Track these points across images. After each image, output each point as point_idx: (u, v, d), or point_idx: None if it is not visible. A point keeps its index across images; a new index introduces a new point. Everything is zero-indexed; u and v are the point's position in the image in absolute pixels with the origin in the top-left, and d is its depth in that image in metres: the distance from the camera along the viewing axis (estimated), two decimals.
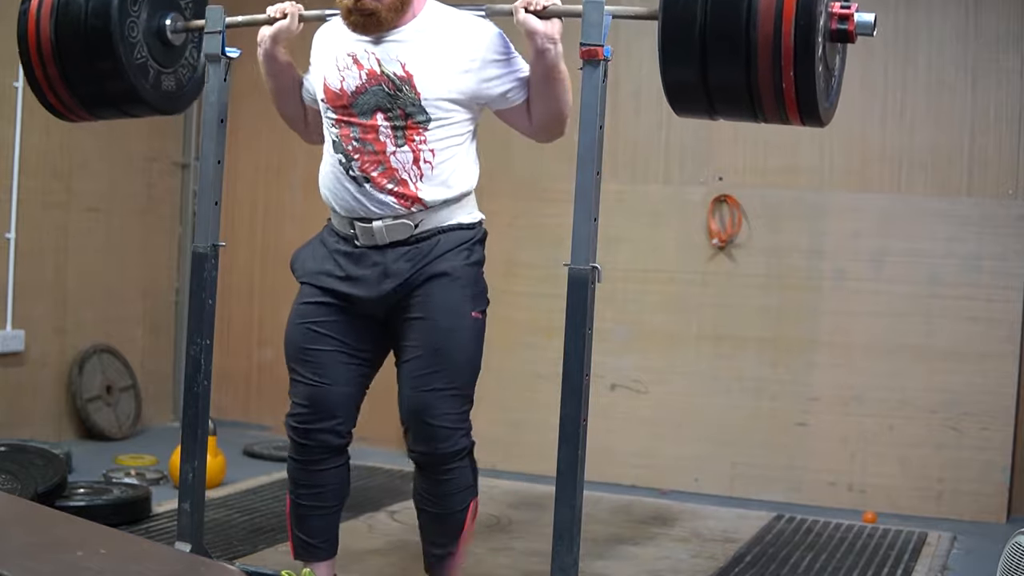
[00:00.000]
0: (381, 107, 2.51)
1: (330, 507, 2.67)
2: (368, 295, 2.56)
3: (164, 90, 2.92)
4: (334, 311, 2.59)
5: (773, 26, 2.13)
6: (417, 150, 2.51)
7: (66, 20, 2.77)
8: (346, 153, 2.56)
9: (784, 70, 2.16)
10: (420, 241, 2.55)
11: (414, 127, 2.50)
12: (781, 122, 2.32)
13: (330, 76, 2.57)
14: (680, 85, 2.31)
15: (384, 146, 2.52)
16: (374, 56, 2.51)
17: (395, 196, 2.53)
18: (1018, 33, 4.12)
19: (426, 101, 2.49)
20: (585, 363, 2.50)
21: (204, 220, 2.86)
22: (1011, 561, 2.69)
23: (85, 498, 3.45)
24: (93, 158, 4.77)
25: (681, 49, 2.25)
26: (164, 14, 2.85)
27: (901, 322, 4.17)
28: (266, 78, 2.72)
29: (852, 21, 2.25)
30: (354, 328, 2.60)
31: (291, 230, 5.17)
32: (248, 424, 5.12)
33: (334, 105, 2.57)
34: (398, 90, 2.50)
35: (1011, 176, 4.13)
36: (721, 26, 2.19)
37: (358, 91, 2.53)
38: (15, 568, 1.73)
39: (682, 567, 3.27)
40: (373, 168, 2.53)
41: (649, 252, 4.47)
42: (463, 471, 2.58)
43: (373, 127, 2.52)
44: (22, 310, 4.45)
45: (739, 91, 2.25)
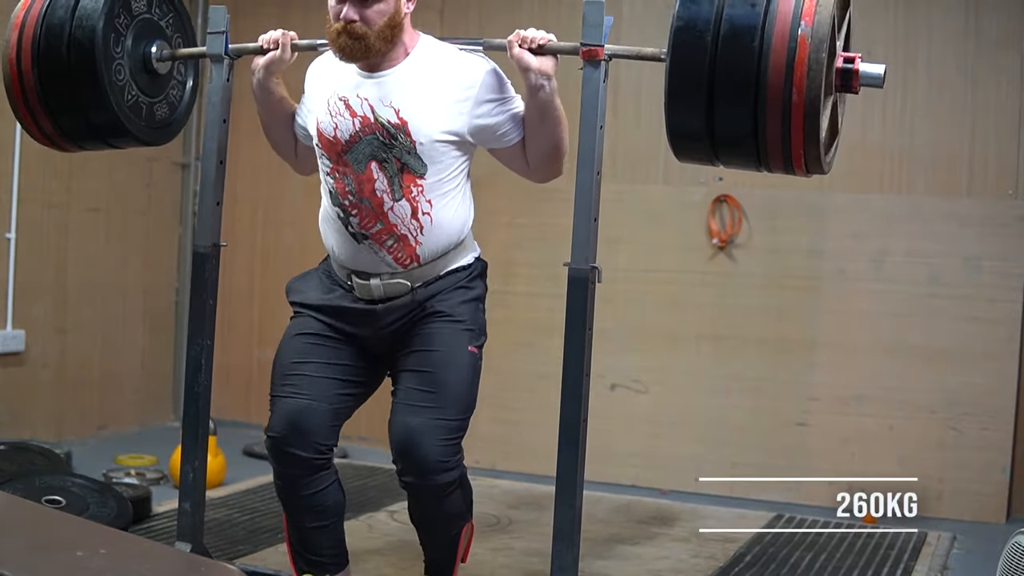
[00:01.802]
0: (376, 157, 2.47)
1: (333, 520, 2.61)
2: (365, 334, 2.56)
3: (158, 121, 2.86)
4: (328, 333, 2.58)
5: (784, 80, 2.10)
6: (415, 202, 2.48)
7: (51, 73, 2.65)
8: (344, 208, 2.53)
9: (793, 125, 2.13)
10: (419, 289, 2.54)
11: (410, 177, 2.47)
12: (786, 173, 2.28)
13: (323, 121, 2.52)
14: (684, 133, 2.28)
15: (381, 201, 2.48)
16: (367, 102, 2.47)
17: (393, 255, 2.51)
18: (1018, 33, 4.13)
19: (421, 147, 2.45)
20: (585, 363, 2.50)
21: (205, 220, 2.87)
22: (1011, 561, 2.70)
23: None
24: (93, 158, 4.75)
25: (688, 97, 2.21)
26: (148, 43, 2.78)
27: (901, 322, 4.17)
28: (259, 108, 2.70)
29: (857, 76, 2.24)
30: (347, 352, 2.58)
31: (291, 230, 5.17)
32: (248, 424, 5.12)
33: (328, 152, 2.53)
34: (393, 139, 2.46)
35: (1011, 176, 4.13)
36: (730, 77, 2.15)
37: (352, 140, 2.49)
38: (15, 568, 1.73)
39: (682, 567, 3.26)
40: (372, 224, 2.50)
41: (649, 252, 4.47)
42: (453, 500, 2.55)
43: (369, 179, 2.48)
44: (22, 310, 4.45)
45: (746, 143, 2.22)
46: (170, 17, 2.84)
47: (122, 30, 2.69)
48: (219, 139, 2.84)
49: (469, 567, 3.12)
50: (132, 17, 2.72)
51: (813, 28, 2.09)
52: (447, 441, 2.46)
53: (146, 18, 2.76)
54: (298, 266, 5.22)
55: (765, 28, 2.11)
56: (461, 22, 4.72)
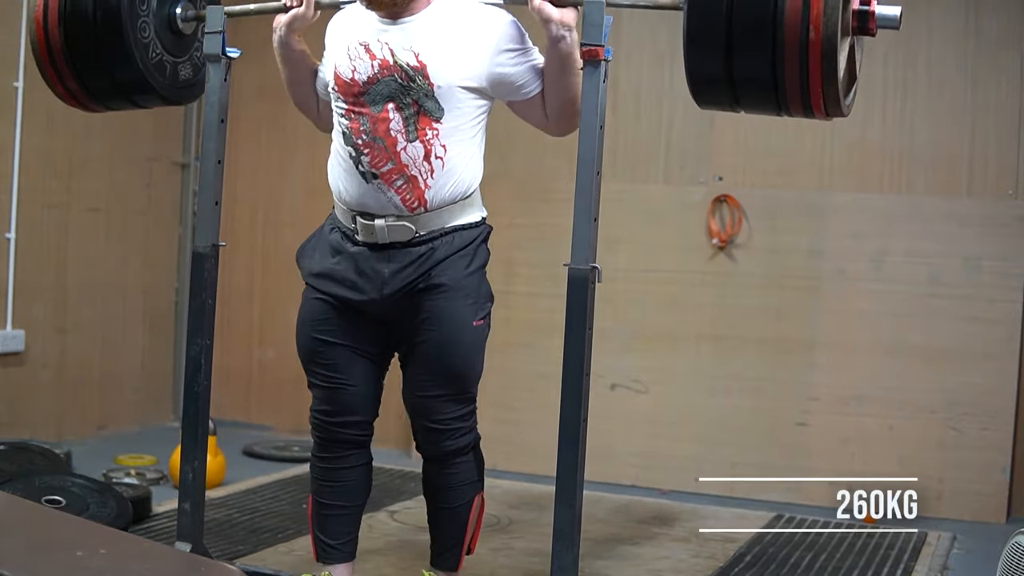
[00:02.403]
0: (393, 97, 2.47)
1: (351, 506, 2.70)
2: (368, 299, 2.56)
3: (182, 80, 2.90)
4: (339, 313, 2.59)
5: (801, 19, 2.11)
6: (428, 144, 2.48)
7: (76, 31, 2.72)
8: (356, 147, 2.52)
9: (811, 64, 2.13)
10: (420, 244, 2.53)
11: (426, 119, 2.47)
12: (805, 115, 2.29)
13: (341, 65, 2.53)
14: (705, 77, 2.27)
15: (395, 141, 2.48)
16: (387, 46, 2.48)
17: (401, 195, 2.50)
18: (1018, 33, 4.13)
19: (439, 90, 2.46)
20: (585, 363, 2.50)
21: (204, 220, 2.86)
22: (1011, 561, 2.70)
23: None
24: (93, 158, 4.77)
25: (707, 41, 2.20)
26: (173, 4, 2.81)
27: (901, 322, 4.17)
28: (280, 65, 2.70)
29: (873, 17, 2.25)
30: (359, 328, 2.60)
31: (291, 230, 5.17)
32: (248, 424, 5.12)
33: (345, 95, 2.53)
34: (411, 80, 2.46)
35: (1011, 176, 4.13)
36: (748, 19, 2.15)
37: (370, 81, 2.49)
38: (15, 568, 1.73)
39: (682, 567, 3.26)
40: (383, 164, 2.49)
41: (649, 252, 4.47)
42: (467, 466, 2.63)
43: (384, 119, 2.48)
44: (22, 310, 4.45)
45: (765, 84, 2.21)
46: None
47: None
48: (218, 139, 2.84)
49: (469, 567, 3.11)
50: None
51: None
52: (458, 410, 2.57)
53: None
54: None
55: None
56: None
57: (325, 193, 5.56)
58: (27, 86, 4.41)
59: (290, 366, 5.09)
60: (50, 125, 4.56)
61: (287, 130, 5.11)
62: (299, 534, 3.37)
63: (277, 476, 4.17)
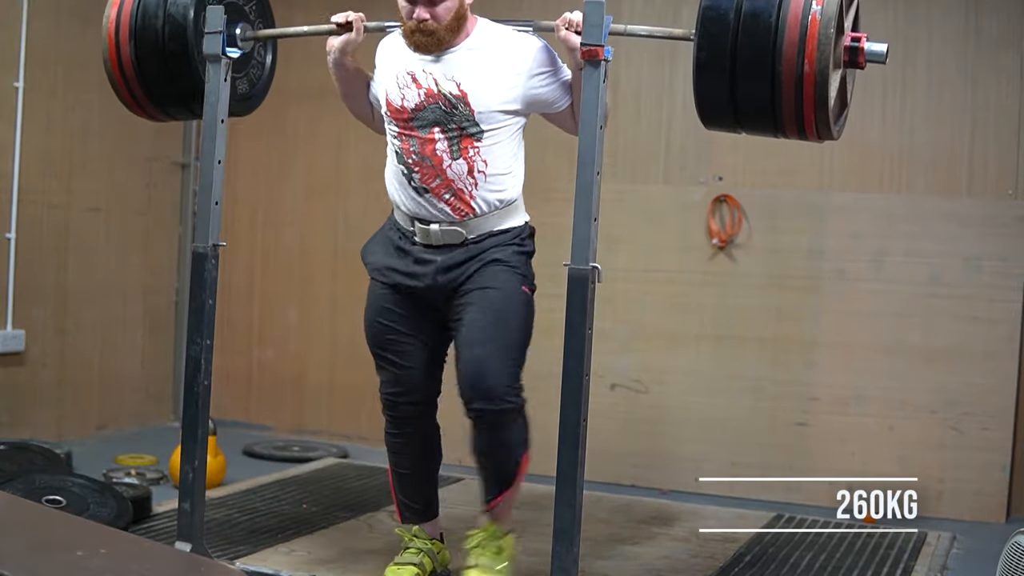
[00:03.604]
0: (438, 122, 2.76)
1: (427, 471, 2.98)
2: (426, 286, 2.82)
3: (239, 94, 3.08)
4: (400, 303, 2.87)
5: (797, 53, 2.35)
6: (471, 161, 2.76)
7: (144, 46, 2.91)
8: (407, 166, 2.80)
9: (805, 93, 2.36)
10: (472, 244, 2.80)
11: (468, 139, 2.75)
12: (799, 138, 2.51)
13: (391, 92, 2.82)
14: (711, 103, 2.49)
15: (441, 160, 2.76)
16: (431, 76, 2.76)
17: (451, 206, 2.78)
18: (1018, 33, 4.12)
19: (479, 115, 2.74)
20: (585, 363, 2.50)
21: (204, 220, 2.87)
22: (1011, 561, 2.70)
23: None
24: (93, 158, 4.77)
25: (713, 71, 2.42)
26: (233, 24, 2.95)
27: (901, 322, 4.17)
28: (336, 83, 2.95)
29: (863, 52, 2.46)
30: (419, 318, 2.87)
31: (291, 230, 5.18)
32: (248, 424, 5.12)
33: (396, 119, 2.81)
34: (453, 107, 2.74)
35: (1011, 176, 4.13)
36: (750, 52, 2.38)
37: (417, 108, 2.77)
38: (15, 568, 1.73)
39: (682, 567, 3.26)
40: (432, 179, 2.78)
41: (649, 252, 4.47)
42: (517, 427, 2.80)
43: (431, 140, 2.76)
44: (22, 310, 4.45)
45: (764, 110, 2.44)
46: (253, 2, 3.07)
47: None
48: (218, 139, 2.85)
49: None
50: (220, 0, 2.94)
51: (823, 7, 2.34)
52: (512, 368, 2.75)
53: (232, 2, 2.97)
54: (298, 266, 5.28)
55: (781, 8, 2.36)
56: None
57: (325, 193, 5.57)
58: (27, 86, 4.41)
59: (290, 366, 5.14)
60: (50, 125, 4.57)
61: (287, 131, 5.12)
62: (299, 534, 3.37)
63: (277, 476, 4.17)
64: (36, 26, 4.43)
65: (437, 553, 2.99)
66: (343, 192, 5.07)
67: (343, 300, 5.05)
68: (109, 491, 3.44)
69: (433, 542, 2.99)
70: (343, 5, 2.92)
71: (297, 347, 5.13)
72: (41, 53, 4.47)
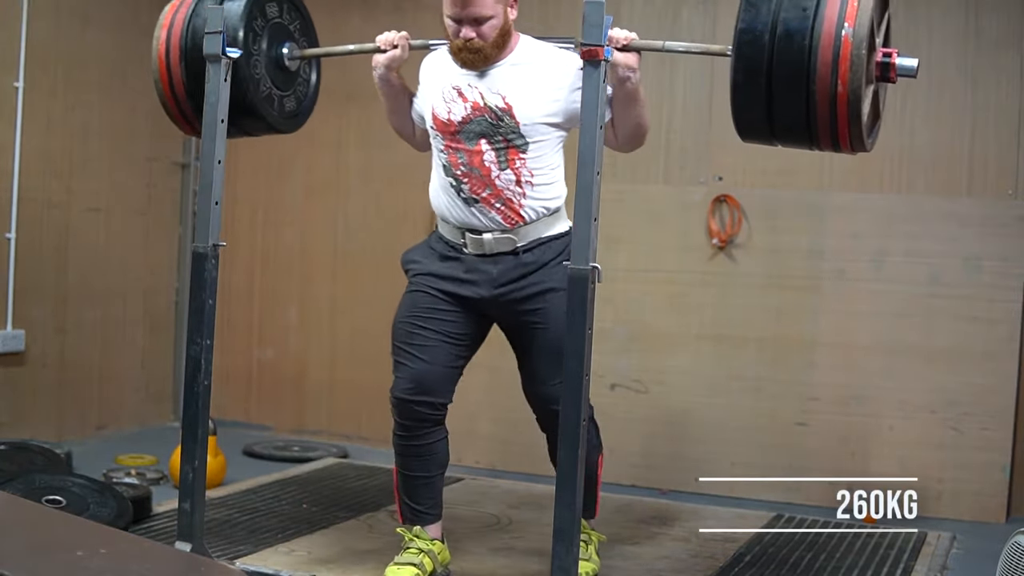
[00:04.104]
0: (485, 135, 2.85)
1: (432, 475, 3.00)
2: (479, 296, 2.91)
3: (287, 111, 3.15)
4: (442, 303, 2.94)
5: (831, 72, 2.40)
6: (518, 172, 2.86)
7: (195, 66, 2.93)
8: (456, 177, 2.89)
9: (839, 112, 2.42)
10: (524, 252, 2.89)
11: (514, 151, 2.85)
12: (834, 151, 2.57)
13: (438, 106, 2.91)
14: (748, 119, 2.55)
15: (489, 171, 2.86)
16: (477, 90, 2.86)
17: (501, 215, 2.88)
18: (1018, 33, 4.13)
19: (524, 127, 2.83)
20: (585, 363, 2.50)
21: (204, 220, 2.87)
22: (1010, 561, 2.70)
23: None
24: (93, 158, 4.77)
25: (750, 90, 2.48)
26: (280, 44, 3.05)
27: (901, 322, 4.17)
28: (382, 98, 3.05)
29: (894, 68, 2.53)
30: (455, 319, 2.94)
31: (291, 230, 5.18)
32: (248, 424, 5.13)
33: (443, 133, 2.91)
34: (499, 120, 2.84)
35: (1011, 176, 4.13)
36: (785, 72, 2.43)
37: (464, 121, 2.87)
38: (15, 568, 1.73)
39: (682, 567, 3.26)
40: (481, 190, 2.87)
41: (649, 252, 4.47)
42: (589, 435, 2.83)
43: (478, 152, 2.86)
44: (22, 310, 4.45)
45: (799, 126, 2.50)
46: (297, 22, 3.13)
47: (258, 31, 2.98)
48: (218, 139, 2.85)
49: (469, 567, 3.13)
50: (267, 20, 3.01)
51: (855, 29, 2.38)
52: None
53: (278, 22, 3.05)
54: (298, 266, 5.28)
55: (814, 29, 2.41)
56: None
57: (324, 193, 5.57)
58: (27, 86, 4.42)
59: (290, 366, 5.14)
60: (50, 125, 4.57)
61: None
62: (299, 534, 3.37)
63: (277, 476, 4.17)
64: (36, 26, 4.43)
65: (438, 553, 3.01)
66: (343, 192, 5.07)
67: (343, 300, 5.06)
68: (109, 491, 3.44)
69: (434, 542, 3.00)
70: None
71: (297, 347, 5.14)
72: (41, 53, 4.47)
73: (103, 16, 4.76)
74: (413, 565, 2.93)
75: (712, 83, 4.43)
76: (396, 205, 4.96)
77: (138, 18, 4.92)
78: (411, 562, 2.94)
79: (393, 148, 4.94)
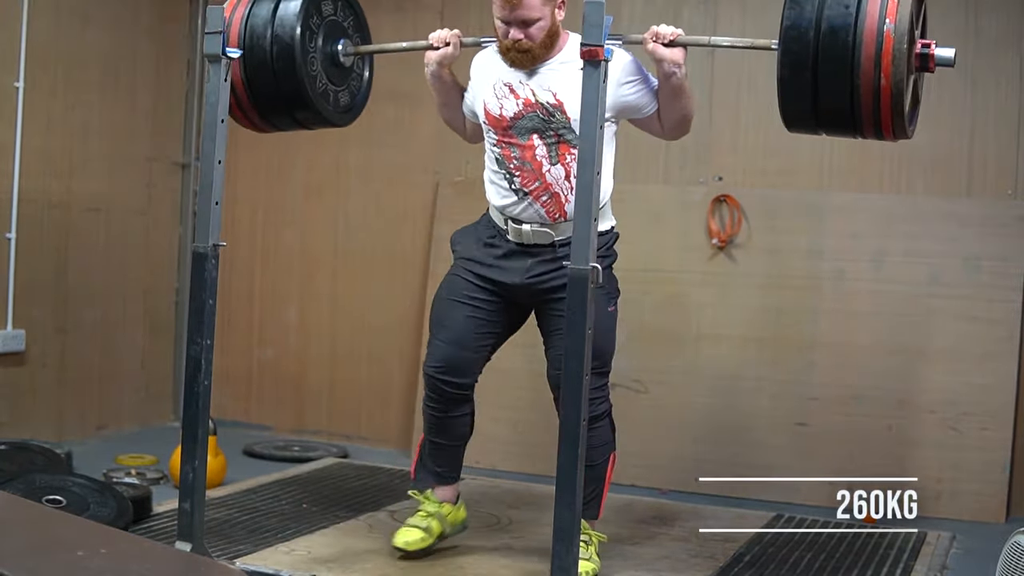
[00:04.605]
0: (537, 130, 2.96)
1: (456, 444, 3.19)
2: (512, 282, 3.04)
3: (342, 106, 3.23)
4: (479, 289, 3.08)
5: (874, 67, 2.50)
6: (568, 167, 2.94)
7: (253, 63, 3.02)
8: (509, 171, 3.01)
9: (883, 103, 2.53)
10: (560, 247, 2.98)
11: (566, 146, 2.95)
12: (876, 139, 2.68)
13: (490, 102, 3.02)
14: (795, 111, 2.65)
15: (540, 165, 2.97)
16: (528, 87, 2.97)
17: (546, 208, 2.99)
18: (1018, 33, 4.13)
19: (575, 123, 2.85)
20: (585, 363, 2.51)
21: (204, 220, 2.87)
22: (1010, 561, 2.70)
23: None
24: (93, 158, 4.77)
25: (796, 84, 2.58)
26: (335, 41, 3.14)
27: (901, 322, 4.17)
28: (434, 93, 3.17)
29: (933, 58, 2.64)
30: (492, 305, 3.09)
31: (291, 230, 5.18)
32: (248, 424, 5.13)
33: (495, 128, 3.02)
34: (551, 115, 2.94)
35: (1011, 176, 4.14)
36: (830, 67, 2.53)
37: (516, 117, 2.97)
38: (15, 568, 1.74)
39: (682, 567, 3.27)
40: (531, 183, 2.98)
41: (649, 252, 4.46)
42: (603, 430, 3.06)
43: (531, 147, 2.97)
44: (22, 310, 4.45)
45: (843, 117, 2.60)
46: (351, 19, 3.21)
47: (315, 28, 3.07)
48: (218, 139, 2.85)
49: (469, 567, 3.13)
50: (322, 18, 3.10)
51: (896, 24, 2.48)
52: (596, 382, 2.96)
53: (333, 19, 3.14)
54: (298, 266, 5.28)
55: (857, 26, 2.50)
56: (462, 22, 4.72)
57: (324, 193, 5.57)
58: (27, 86, 4.41)
59: (290, 366, 5.14)
60: (50, 125, 4.57)
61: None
62: (299, 534, 3.37)
63: (277, 476, 4.17)
64: (36, 26, 4.43)
65: (446, 515, 3.19)
66: (343, 192, 5.07)
67: (343, 300, 5.06)
68: (109, 491, 3.44)
69: (443, 504, 3.19)
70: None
71: (297, 347, 5.14)
72: (41, 53, 4.47)
73: (103, 16, 4.76)
74: (420, 528, 3.13)
75: (712, 83, 4.43)
76: (396, 205, 4.96)
77: (138, 18, 4.93)
78: (418, 525, 3.14)
79: (393, 148, 4.97)
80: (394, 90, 4.35)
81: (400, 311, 4.92)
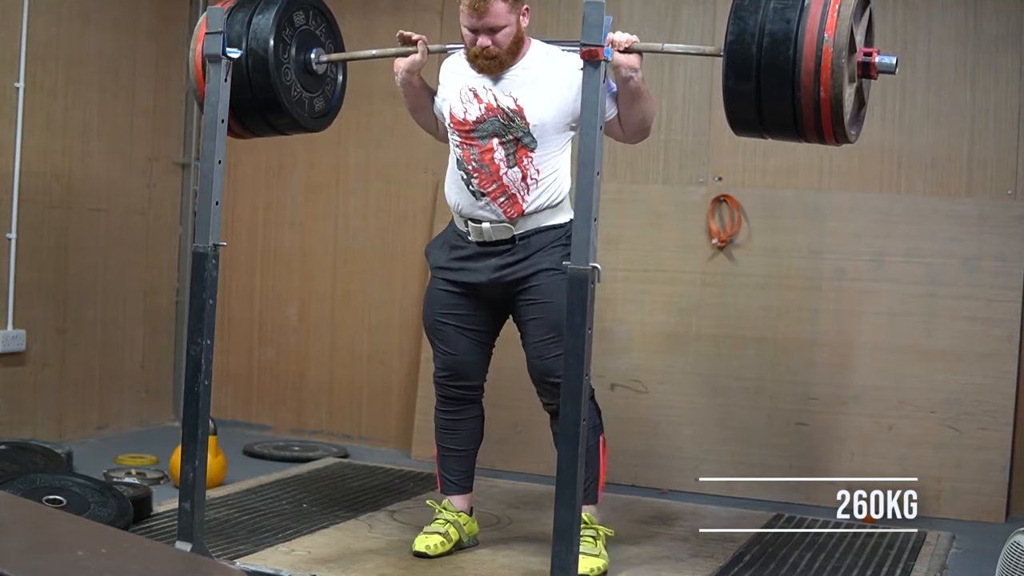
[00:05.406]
0: (497, 134, 3.06)
1: (466, 450, 3.31)
2: (480, 282, 3.13)
3: (317, 111, 3.30)
4: (456, 296, 3.19)
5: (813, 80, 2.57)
6: (525, 169, 3.05)
7: (232, 75, 3.01)
8: (467, 171, 3.10)
9: (823, 112, 2.60)
10: (520, 240, 3.09)
11: (523, 150, 3.05)
12: (820, 143, 2.74)
13: (455, 106, 3.12)
14: (740, 117, 2.72)
15: (498, 168, 3.06)
16: (491, 92, 3.07)
17: (503, 208, 3.07)
18: (1017, 33, 4.13)
19: (534, 128, 3.03)
20: (585, 363, 2.51)
21: (204, 220, 2.87)
22: (1010, 560, 2.70)
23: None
24: (93, 158, 4.78)
25: (741, 92, 2.65)
26: (308, 50, 3.19)
27: (901, 322, 4.17)
28: (404, 98, 3.26)
29: (874, 66, 2.68)
30: (472, 309, 3.19)
31: (291, 230, 5.18)
32: (249, 424, 5.13)
33: (458, 130, 3.12)
34: (511, 120, 3.04)
35: (1011, 176, 4.13)
36: (772, 77, 2.60)
37: (478, 120, 3.08)
38: (15, 568, 1.73)
39: (682, 566, 3.27)
40: (489, 184, 3.07)
41: (649, 252, 4.47)
42: (588, 413, 3.01)
43: (489, 150, 3.06)
44: (22, 310, 4.45)
45: (787, 124, 2.67)
46: (323, 27, 3.27)
47: (287, 40, 3.13)
48: (218, 139, 2.85)
49: (469, 567, 3.13)
50: (295, 29, 3.15)
51: (835, 39, 2.54)
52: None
53: (305, 29, 3.20)
54: (298, 266, 5.28)
55: (797, 39, 2.57)
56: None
57: (324, 193, 5.58)
58: (27, 86, 4.42)
59: (290, 366, 5.14)
60: (50, 125, 4.57)
61: None
62: (299, 534, 3.38)
63: (277, 476, 4.17)
64: (36, 26, 4.43)
65: (463, 525, 3.26)
66: (343, 192, 5.07)
67: (343, 300, 5.06)
68: (109, 491, 3.44)
69: (460, 514, 3.27)
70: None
71: (297, 347, 5.14)
72: (41, 53, 4.47)
73: (103, 16, 4.76)
74: (439, 534, 3.20)
75: (712, 83, 4.43)
76: (396, 205, 4.97)
77: (138, 18, 4.93)
78: (438, 531, 3.21)
79: (393, 148, 4.98)
80: (394, 91, 4.32)
81: (400, 311, 4.92)
